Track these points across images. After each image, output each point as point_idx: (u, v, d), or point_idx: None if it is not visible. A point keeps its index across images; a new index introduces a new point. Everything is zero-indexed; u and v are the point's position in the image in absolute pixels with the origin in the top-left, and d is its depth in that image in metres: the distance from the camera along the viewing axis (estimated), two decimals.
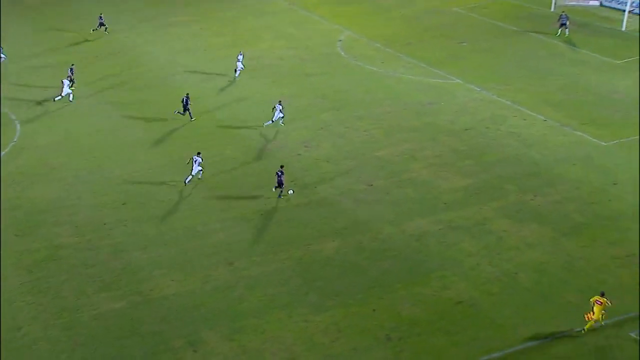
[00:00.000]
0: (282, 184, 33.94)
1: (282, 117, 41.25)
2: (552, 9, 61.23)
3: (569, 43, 52.89)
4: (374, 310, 26.70)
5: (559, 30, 55.14)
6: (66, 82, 44.65)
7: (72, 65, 46.91)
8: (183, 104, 42.05)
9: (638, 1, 57.79)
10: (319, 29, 58.97)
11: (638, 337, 24.83)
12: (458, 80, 47.58)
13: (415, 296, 27.37)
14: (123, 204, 33.79)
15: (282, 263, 29.55)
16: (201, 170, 35.57)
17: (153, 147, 39.54)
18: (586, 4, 61.17)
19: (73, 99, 44.87)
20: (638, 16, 57.53)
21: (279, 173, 33.99)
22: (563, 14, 55.83)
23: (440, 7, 63.55)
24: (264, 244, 30.81)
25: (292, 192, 34.28)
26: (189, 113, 42.22)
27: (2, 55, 51.19)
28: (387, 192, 34.65)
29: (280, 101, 41.38)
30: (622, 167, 36.12)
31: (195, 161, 35.40)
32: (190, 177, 35.39)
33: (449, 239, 30.77)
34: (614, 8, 59.62)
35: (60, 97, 44.65)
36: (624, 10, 56.73)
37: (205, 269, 29.23)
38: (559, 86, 46.16)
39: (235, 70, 48.45)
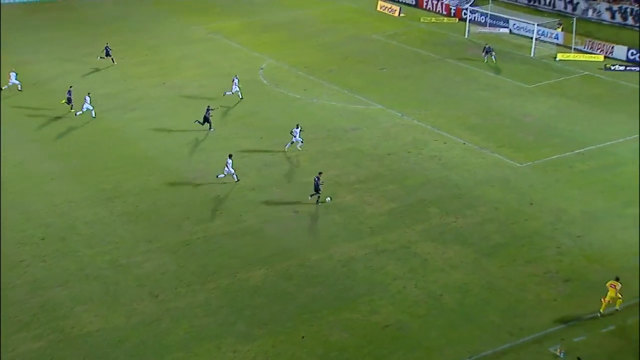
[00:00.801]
0: (319, 190, 34.90)
1: (302, 141, 41.16)
2: (466, 36, 63.26)
3: (496, 70, 54.59)
4: (303, 337, 26.62)
5: (485, 58, 56.57)
6: (87, 98, 46.16)
7: (70, 86, 47.88)
8: (204, 115, 43.31)
9: (543, 29, 60.33)
10: (241, 57, 59.02)
11: (557, 352, 25.59)
12: (380, 106, 48.42)
13: (343, 322, 27.44)
14: (42, 239, 32.72)
15: (209, 293, 29.15)
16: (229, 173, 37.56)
17: (74, 179, 38.54)
18: (497, 31, 63.47)
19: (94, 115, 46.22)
20: (547, 43, 60.05)
21: (317, 179, 34.93)
22: (486, 45, 57.24)
23: (360, 34, 64.71)
24: (190, 275, 30.33)
25: (329, 199, 35.27)
26: (209, 123, 43.73)
27: (17, 82, 50.91)
28: (313, 219, 34.76)
29: (297, 124, 41.38)
30: (536, 187, 37.42)
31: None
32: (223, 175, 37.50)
33: (375, 263, 31.06)
34: (523, 35, 62.09)
35: (81, 112, 46.16)
36: (532, 38, 59.17)
37: (129, 302, 28.52)
38: (475, 110, 47.58)
39: (239, 94, 48.95)
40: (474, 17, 65.96)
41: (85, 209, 35.57)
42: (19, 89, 50.72)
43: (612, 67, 54.82)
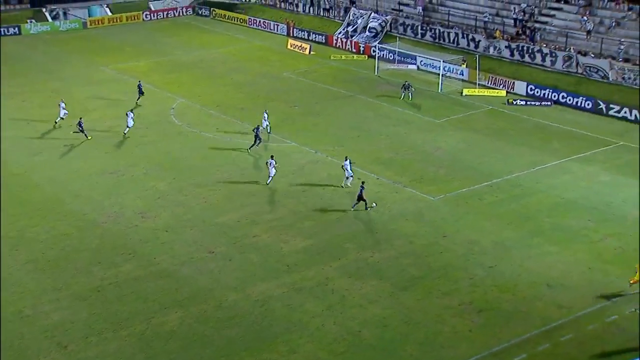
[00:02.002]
0: (362, 198, 36.98)
1: (352, 176, 41.00)
2: (376, 72, 64.80)
3: (412, 106, 55.88)
4: None
5: (402, 94, 57.91)
6: (130, 114, 49.00)
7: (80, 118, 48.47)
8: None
9: (449, 65, 62.57)
10: (151, 97, 58.26)
11: None
12: (293, 143, 48.73)
13: None
14: None
15: (122, 341, 28.24)
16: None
17: None
18: (405, 67, 65.35)
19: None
20: (453, 79, 62.22)
21: (361, 187, 36.71)
22: (406, 82, 58.55)
23: (271, 72, 65.27)
24: (102, 322, 29.34)
25: (375, 205, 36.89)
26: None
27: (65, 111, 50.36)
28: (229, 259, 34.40)
29: (347, 157, 41.57)
30: (449, 220, 38.35)
31: (270, 164, 40.87)
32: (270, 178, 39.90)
33: (294, 301, 30.94)
34: (430, 72, 64.15)
35: (127, 129, 48.85)
36: (439, 74, 61.23)
37: (35, 355, 27.30)
38: (387, 145, 48.55)
39: (267, 129, 49.48)
40: (383, 54, 67.70)
41: None
42: (59, 118, 50.55)
43: (514, 102, 57.27)
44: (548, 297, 31.30)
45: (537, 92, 58.26)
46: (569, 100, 56.64)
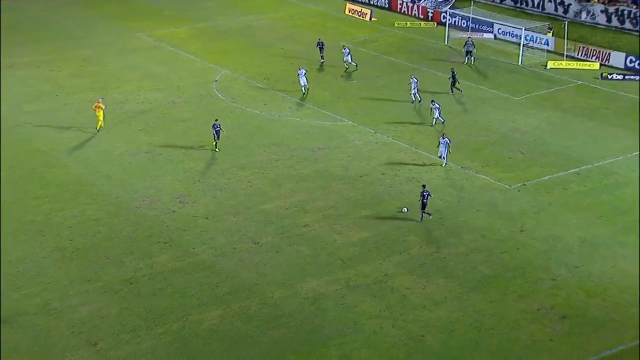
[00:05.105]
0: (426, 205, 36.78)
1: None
2: (446, 42, 64.19)
3: (474, 72, 55.47)
4: None
5: (466, 58, 58.01)
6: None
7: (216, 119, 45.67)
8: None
9: (532, 34, 61.51)
10: (191, 67, 59.07)
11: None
12: (350, 122, 48.75)
13: None
14: None
15: (156, 339, 28.87)
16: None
17: None
18: (480, 36, 64.54)
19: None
20: (536, 49, 61.22)
21: (425, 194, 36.63)
22: (469, 40, 58.78)
23: (326, 41, 65.13)
24: (134, 319, 30.02)
25: (406, 210, 37.08)
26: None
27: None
28: (276, 251, 34.73)
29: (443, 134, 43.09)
30: (527, 212, 37.92)
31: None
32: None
33: (348, 301, 31.10)
34: (509, 41, 63.22)
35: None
36: (520, 44, 60.29)
37: (62, 353, 28.12)
38: (457, 125, 48.16)
39: (351, 63, 55.65)
40: (454, 21, 67.00)
41: (10, 245, 35.04)
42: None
43: (610, 76, 56.05)
44: None
45: (638, 64, 56.90)
46: None
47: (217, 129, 43.78)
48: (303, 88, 52.54)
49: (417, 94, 51.16)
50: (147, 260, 33.85)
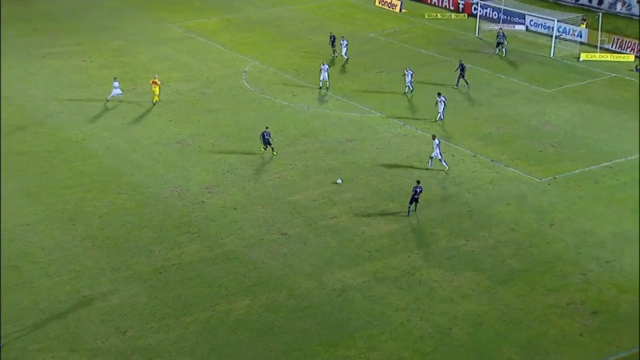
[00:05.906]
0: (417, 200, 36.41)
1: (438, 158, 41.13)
2: (477, 34, 63.76)
3: (505, 64, 55.10)
4: None
5: (496, 49, 57.84)
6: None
7: (267, 127, 43.67)
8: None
9: (565, 26, 60.87)
10: (221, 58, 59.30)
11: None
12: (378, 114, 48.67)
13: (338, 359, 27.48)
14: None
15: (185, 328, 29.11)
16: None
17: (27, 198, 38.50)
18: (512, 28, 64.02)
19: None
20: (569, 41, 60.59)
21: (418, 189, 36.16)
22: (500, 32, 58.50)
23: (355, 33, 65.10)
24: (163, 307, 30.30)
25: (340, 181, 37.92)
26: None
27: (119, 90, 50.53)
28: (303, 242, 34.83)
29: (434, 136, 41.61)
30: (558, 205, 37.62)
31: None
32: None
33: (375, 293, 31.12)
34: (541, 33, 62.62)
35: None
36: (552, 36, 59.71)
37: (93, 340, 28.44)
38: (488, 118, 47.89)
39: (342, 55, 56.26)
40: (485, 13, 66.56)
41: (41, 233, 35.51)
42: (110, 96, 50.41)
43: None
44: None
45: None
46: None
47: (266, 136, 42.50)
48: (321, 83, 52.45)
49: (410, 85, 51.12)
50: (176, 250, 34.13)
